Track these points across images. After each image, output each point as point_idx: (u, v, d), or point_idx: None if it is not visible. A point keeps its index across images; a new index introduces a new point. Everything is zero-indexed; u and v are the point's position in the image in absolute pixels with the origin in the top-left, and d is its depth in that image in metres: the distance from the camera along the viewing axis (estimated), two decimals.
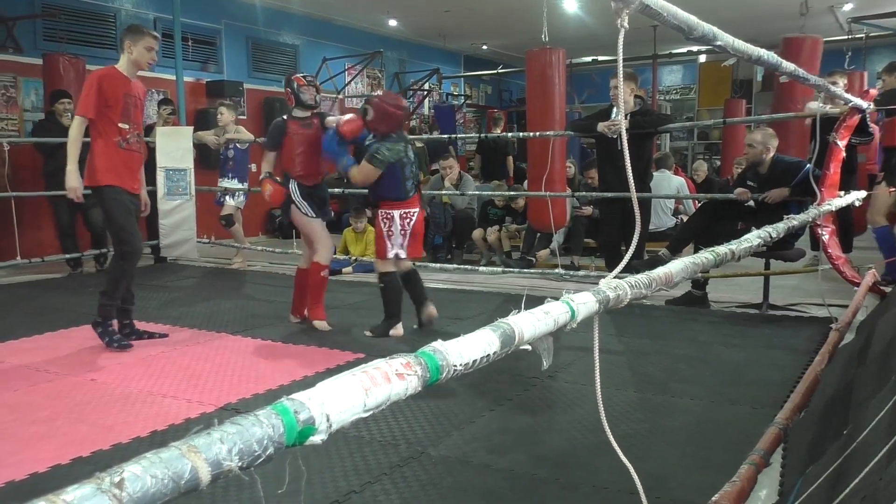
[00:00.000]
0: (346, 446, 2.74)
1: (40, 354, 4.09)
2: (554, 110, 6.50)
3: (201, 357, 4.07)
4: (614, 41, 1.32)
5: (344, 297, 5.91)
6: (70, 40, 8.21)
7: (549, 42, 6.51)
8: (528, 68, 6.74)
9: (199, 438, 0.63)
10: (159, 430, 2.97)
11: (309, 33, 11.46)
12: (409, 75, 13.52)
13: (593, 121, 5.68)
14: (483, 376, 3.56)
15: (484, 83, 16.13)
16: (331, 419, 0.72)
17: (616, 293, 1.27)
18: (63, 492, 0.55)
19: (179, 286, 6.57)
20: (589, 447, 2.74)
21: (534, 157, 6.78)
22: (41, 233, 7.76)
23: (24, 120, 8.08)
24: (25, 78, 8.00)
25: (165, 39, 9.14)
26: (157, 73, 9.24)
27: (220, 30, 10.24)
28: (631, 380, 3.68)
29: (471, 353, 0.92)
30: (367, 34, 12.33)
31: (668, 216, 7.38)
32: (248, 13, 10.43)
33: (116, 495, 0.57)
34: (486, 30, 12.64)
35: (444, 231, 7.72)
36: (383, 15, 11.50)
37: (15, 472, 2.56)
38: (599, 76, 13.72)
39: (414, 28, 12.55)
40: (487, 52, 14.89)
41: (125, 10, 9.04)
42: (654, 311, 5.20)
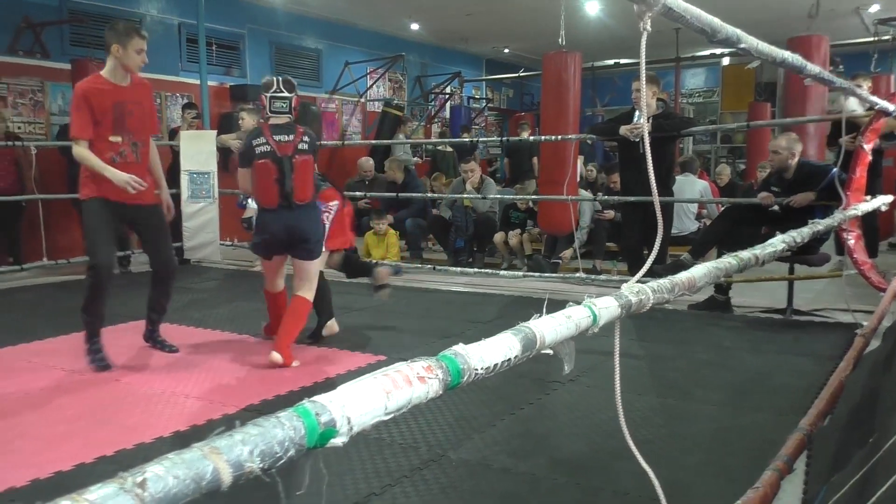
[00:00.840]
0: (367, 448, 2.75)
1: (66, 355, 4.14)
2: (568, 114, 6.49)
3: (224, 358, 4.10)
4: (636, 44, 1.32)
5: (365, 300, 5.92)
6: (97, 45, 8.32)
7: (570, 45, 6.49)
8: (545, 71, 6.74)
9: (221, 440, 0.64)
10: (182, 430, 2.99)
11: (331, 37, 11.53)
12: (430, 79, 13.54)
13: (615, 124, 5.66)
14: (503, 380, 3.55)
15: (506, 87, 16.12)
16: (352, 422, 0.72)
17: (638, 298, 1.26)
18: (86, 491, 0.56)
19: (202, 288, 6.63)
20: (610, 452, 2.72)
21: (546, 160, 6.77)
22: (67, 235, 7.86)
23: (52, 124, 8.20)
24: (52, 82, 8.12)
25: (190, 44, 9.28)
26: (183, 78, 9.36)
27: (243, 34, 10.32)
28: (652, 385, 3.65)
29: (492, 357, 0.92)
30: (390, 38, 12.37)
31: (692, 220, 7.33)
32: (271, 18, 10.50)
33: (139, 495, 0.57)
34: (508, 33, 12.63)
35: (466, 234, 7.72)
36: (405, 18, 11.53)
37: (40, 470, 2.59)
38: (621, 79, 13.68)
39: (436, 31, 12.58)
40: (509, 56, 14.87)
41: (150, 16, 9.14)
42: (677, 316, 5.16)
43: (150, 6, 9.15)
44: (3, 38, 7.67)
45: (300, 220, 3.91)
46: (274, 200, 3.84)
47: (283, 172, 3.80)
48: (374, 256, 7.26)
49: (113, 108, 3.79)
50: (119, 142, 3.82)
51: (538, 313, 1.10)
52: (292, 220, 3.88)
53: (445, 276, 6.94)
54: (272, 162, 3.80)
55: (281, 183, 3.81)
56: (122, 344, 4.39)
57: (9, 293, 6.23)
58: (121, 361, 4.05)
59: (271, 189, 3.82)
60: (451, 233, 7.79)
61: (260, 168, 3.82)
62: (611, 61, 13.38)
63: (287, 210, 3.85)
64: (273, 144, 3.81)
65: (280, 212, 3.85)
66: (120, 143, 3.83)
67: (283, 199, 3.83)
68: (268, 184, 3.82)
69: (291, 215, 3.87)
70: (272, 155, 3.80)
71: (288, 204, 3.84)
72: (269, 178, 3.81)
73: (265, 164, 3.80)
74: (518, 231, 7.51)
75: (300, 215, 3.91)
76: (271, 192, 3.83)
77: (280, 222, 3.87)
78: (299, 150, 3.87)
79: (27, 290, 6.37)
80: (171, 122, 9.14)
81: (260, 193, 3.89)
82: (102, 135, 3.77)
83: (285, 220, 3.87)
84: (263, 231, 3.95)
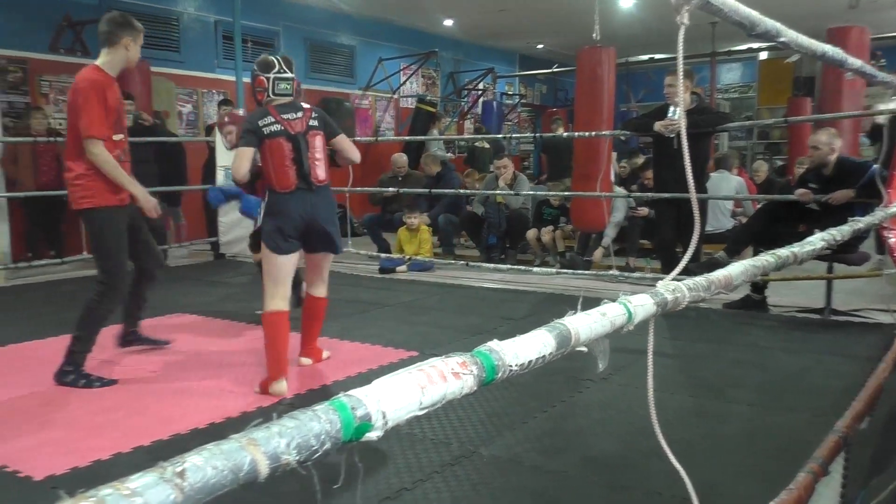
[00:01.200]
0: (399, 444, 2.76)
1: (105, 346, 4.21)
2: (602, 109, 6.44)
3: (256, 352, 4.14)
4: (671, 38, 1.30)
5: (398, 295, 5.95)
6: None
7: (604, 40, 6.45)
8: (579, 67, 6.70)
9: (258, 431, 0.65)
10: (217, 422, 3.04)
11: (365, 34, 11.57)
12: (463, 75, 13.52)
13: (649, 120, 5.60)
14: (535, 377, 3.54)
15: (539, 82, 16.04)
16: (387, 416, 0.73)
17: (674, 295, 1.25)
18: (127, 479, 0.57)
19: (237, 282, 6.71)
20: (642, 451, 2.70)
21: (579, 156, 6.74)
22: None
23: None
24: None
25: (226, 42, 9.38)
26: (218, 75, 9.47)
27: (278, 31, 10.41)
28: (686, 384, 3.61)
29: (526, 354, 0.92)
30: (423, 34, 12.38)
31: (727, 217, 7.23)
32: (306, 15, 10.57)
33: (178, 485, 0.58)
34: (541, 29, 12.57)
35: (499, 231, 7.70)
36: (439, 15, 11.53)
37: (79, 458, 2.65)
38: (656, 74, 13.52)
39: (469, 28, 12.56)
40: (543, 52, 14.80)
41: (188, 14, 9.26)
42: (711, 315, 5.10)
43: (187, 4, 9.26)
44: (45, 37, 7.83)
45: (320, 204, 3.54)
46: (291, 182, 3.45)
47: (298, 150, 3.46)
48: (406, 252, 7.28)
49: (117, 104, 3.61)
50: (121, 139, 3.63)
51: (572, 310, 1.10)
52: (312, 203, 3.50)
53: (478, 273, 6.94)
54: (286, 140, 3.46)
55: (298, 162, 3.46)
56: (160, 335, 4.46)
57: (51, 286, 6.37)
58: (157, 355, 4.12)
59: (288, 169, 3.45)
60: (484, 229, 7.78)
61: (273, 147, 3.45)
62: (645, 56, 13.24)
63: (307, 192, 3.48)
64: (283, 123, 3.48)
65: (298, 194, 3.47)
66: (121, 142, 3.63)
67: (301, 181, 3.46)
68: (283, 164, 3.45)
69: (311, 198, 3.50)
70: (285, 133, 3.46)
71: (307, 185, 3.48)
72: (284, 158, 3.45)
73: (278, 142, 3.45)
74: (551, 228, 7.47)
75: (320, 199, 3.54)
76: (288, 173, 3.45)
77: (299, 206, 3.47)
78: (311, 126, 3.55)
79: (68, 282, 6.50)
80: (208, 118, 9.25)
81: (275, 175, 3.47)
82: (109, 134, 3.54)
83: (305, 204, 3.48)
84: (279, 214, 3.47)
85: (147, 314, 4.56)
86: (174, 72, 9.04)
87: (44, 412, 3.18)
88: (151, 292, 4.14)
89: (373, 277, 6.87)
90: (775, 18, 1.70)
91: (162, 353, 4.15)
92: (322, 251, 3.70)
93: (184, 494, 0.58)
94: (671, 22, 1.30)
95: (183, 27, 9.24)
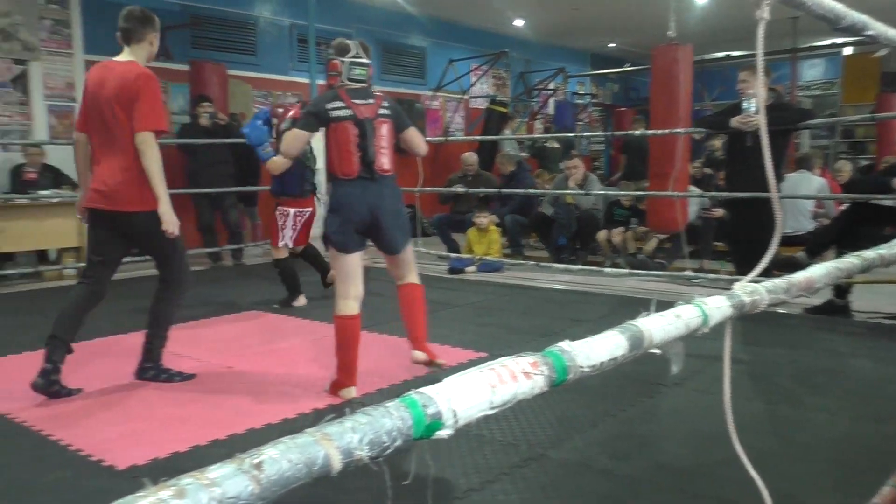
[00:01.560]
0: (467, 444, 2.77)
1: (183, 342, 4.36)
2: (678, 108, 6.32)
3: (328, 350, 4.20)
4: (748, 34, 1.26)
5: (467, 296, 5.96)
6: (214, 47, 8.72)
7: (679, 38, 6.32)
8: (654, 65, 6.59)
9: (331, 426, 0.66)
10: (289, 417, 3.10)
11: (436, 35, 11.64)
12: (534, 75, 13.45)
13: (724, 117, 5.45)
14: (605, 380, 3.50)
15: (611, 81, 15.83)
16: (458, 414, 0.73)
17: (752, 298, 1.21)
18: (206, 470, 0.59)
19: (310, 281, 6.82)
20: (715, 459, 2.63)
21: (655, 155, 6.62)
22: (183, 227, 8.26)
23: (173, 122, 8.65)
24: (174, 83, 8.56)
25: (300, 44, 9.58)
26: (293, 77, 9.68)
27: (351, 34, 10.53)
28: (762, 390, 3.50)
29: (598, 355, 0.91)
30: (493, 35, 12.37)
31: (808, 219, 6.97)
32: (378, 17, 10.70)
33: (255, 476, 0.59)
34: (613, 27, 12.40)
35: (568, 232, 7.63)
36: (510, 15, 11.50)
37: (159, 450, 2.74)
38: (732, 72, 13.15)
39: (540, 27, 12.48)
40: (615, 50, 14.59)
41: (264, 18, 9.49)
42: (790, 320, 4.93)
43: (263, 9, 9.50)
44: None
45: (384, 194, 3.38)
46: (354, 169, 3.32)
47: (364, 136, 3.32)
48: (476, 252, 7.29)
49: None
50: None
51: (645, 312, 1.08)
52: (376, 193, 3.35)
53: (547, 274, 6.89)
54: (353, 125, 3.32)
55: (363, 149, 3.32)
56: (234, 333, 4.59)
57: (133, 282, 6.62)
58: (232, 350, 4.23)
59: (352, 155, 3.32)
60: (554, 230, 7.72)
61: (338, 131, 3.33)
62: (721, 53, 12.90)
63: (369, 181, 3.34)
64: (353, 107, 3.34)
65: (361, 183, 3.33)
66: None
67: (364, 168, 3.32)
68: (347, 149, 3.32)
69: (375, 188, 3.35)
70: (353, 118, 3.33)
71: (370, 174, 3.33)
72: (348, 143, 3.32)
73: (344, 126, 3.32)
74: (622, 229, 7.36)
75: (384, 189, 3.38)
76: (351, 159, 3.32)
77: (362, 197, 3.33)
78: (381, 114, 3.41)
79: (150, 279, 6.73)
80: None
81: (338, 161, 3.35)
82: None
83: (368, 195, 3.34)
84: (341, 208, 3.34)
85: (221, 311, 4.67)
86: (250, 74, 9.28)
87: (126, 404, 3.31)
88: (225, 289, 4.23)
89: (442, 278, 6.90)
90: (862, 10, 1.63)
91: (237, 349, 4.26)
92: (392, 250, 3.54)
93: (260, 486, 0.59)
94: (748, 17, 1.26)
95: (259, 31, 9.48)
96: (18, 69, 7.32)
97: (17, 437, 2.91)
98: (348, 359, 3.40)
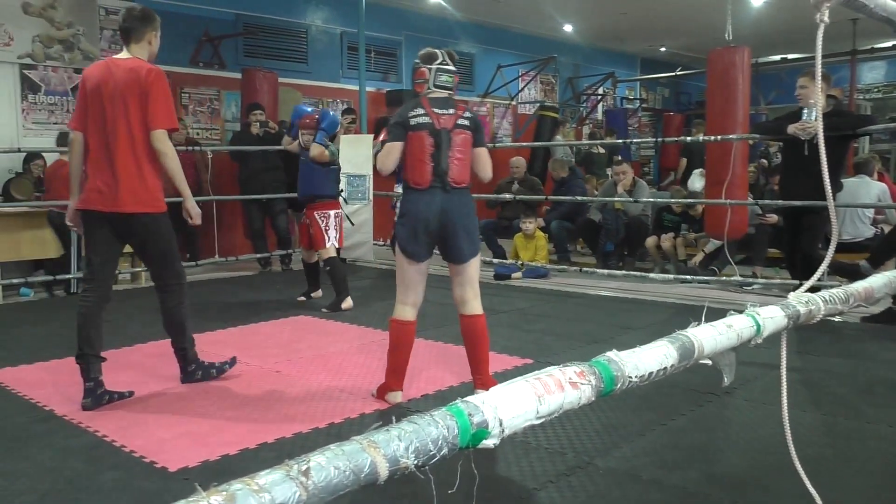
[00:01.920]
0: (513, 451, 2.75)
1: (233, 346, 4.44)
2: (736, 112, 6.20)
3: (375, 356, 4.24)
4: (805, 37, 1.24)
5: (513, 301, 5.94)
6: (266, 56, 8.88)
7: (733, 40, 6.21)
8: (710, 69, 6.48)
9: (378, 434, 0.66)
10: (336, 422, 3.12)
11: (484, 41, 11.64)
12: (582, 80, 13.35)
13: (782, 123, 5.33)
14: (654, 388, 3.44)
15: (661, 86, 15.62)
16: (504, 424, 0.73)
17: (808, 308, 1.18)
18: (256, 476, 0.60)
19: (357, 286, 6.88)
20: (769, 470, 2.57)
21: (712, 161, 6.51)
22: (235, 233, 8.46)
23: (225, 130, 8.83)
24: (227, 91, 8.73)
25: (351, 52, 9.69)
26: (343, 84, 9.80)
27: (400, 41, 10.64)
28: (818, 401, 3.41)
29: (647, 365, 0.89)
30: (542, 40, 12.32)
31: (867, 226, 6.77)
32: (426, 24, 10.75)
33: (303, 483, 0.60)
34: (664, 31, 12.23)
35: (616, 238, 7.54)
36: (559, 20, 11.44)
37: (210, 452, 2.79)
38: (788, 75, 12.86)
39: (589, 32, 12.39)
40: (665, 54, 14.40)
41: (315, 26, 9.62)
42: (847, 329, 4.79)
43: (315, 17, 9.62)
44: (186, 52, 8.34)
45: (454, 205, 3.33)
46: (426, 179, 3.30)
47: (438, 146, 3.30)
48: (522, 258, 7.26)
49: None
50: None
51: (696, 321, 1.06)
52: (446, 203, 3.31)
53: (593, 280, 6.82)
54: (429, 134, 3.30)
55: (436, 159, 3.30)
56: (282, 337, 4.65)
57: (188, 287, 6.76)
58: (281, 354, 4.29)
59: (424, 165, 3.30)
60: (601, 236, 7.64)
61: (414, 140, 3.32)
62: (777, 57, 12.63)
63: (441, 192, 3.30)
64: (432, 116, 3.32)
65: (432, 193, 3.30)
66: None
67: (435, 178, 3.30)
68: (421, 158, 3.30)
69: (445, 199, 3.30)
70: (430, 127, 3.31)
71: (442, 184, 3.30)
72: (422, 152, 3.30)
73: (420, 135, 3.30)
74: (671, 235, 7.25)
75: (455, 200, 3.33)
76: (424, 169, 3.30)
77: (432, 206, 3.30)
78: (459, 125, 3.37)
79: (201, 284, 6.88)
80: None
81: (410, 169, 3.35)
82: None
83: (438, 204, 3.30)
84: (411, 216, 3.33)
85: (270, 316, 4.71)
86: (301, 82, 9.41)
87: (178, 407, 3.38)
88: (273, 294, 4.27)
89: (488, 283, 6.89)
90: None
91: (286, 353, 4.31)
92: (459, 260, 3.41)
93: (308, 493, 0.60)
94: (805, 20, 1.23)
95: (311, 39, 9.61)
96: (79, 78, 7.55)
97: (75, 437, 2.99)
98: (398, 363, 3.41)
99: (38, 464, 2.72)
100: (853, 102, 11.85)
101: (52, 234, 6.37)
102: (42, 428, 3.10)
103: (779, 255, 6.74)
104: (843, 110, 5.64)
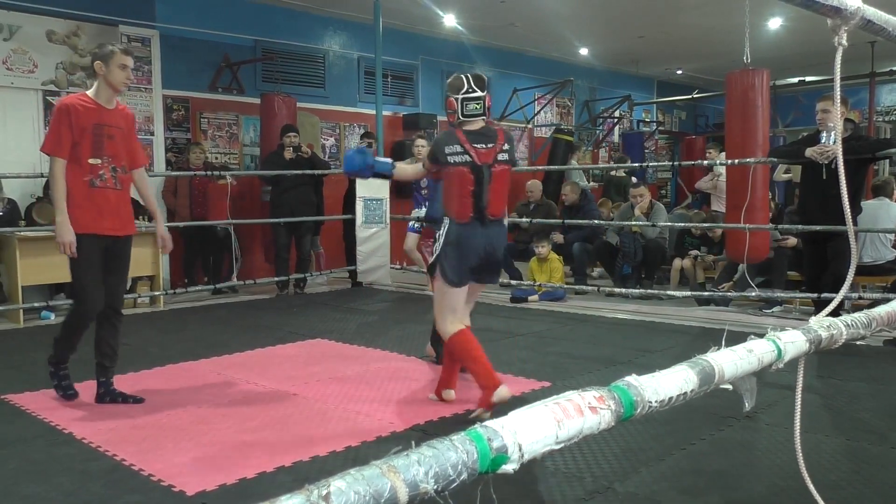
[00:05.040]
0: (530, 475, 2.73)
1: (251, 368, 4.45)
2: (756, 135, 6.17)
3: (392, 378, 4.23)
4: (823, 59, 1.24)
5: (530, 324, 5.92)
6: (284, 81, 8.98)
7: (751, 63, 6.21)
8: (728, 91, 6.47)
9: (398, 459, 0.66)
10: (353, 445, 3.11)
11: (500, 65, 11.70)
12: (598, 103, 13.38)
13: (800, 146, 5.31)
14: (674, 412, 3.40)
15: (678, 109, 15.61)
16: (523, 449, 0.72)
17: (829, 333, 1.17)
18: (277, 500, 0.60)
19: (373, 310, 6.89)
20: (792, 496, 2.52)
21: (732, 184, 6.47)
22: (253, 257, 8.51)
23: (244, 154, 8.91)
24: (246, 116, 8.83)
25: (367, 77, 9.78)
26: (360, 109, 9.88)
27: (417, 65, 10.72)
28: (841, 426, 3.36)
29: (667, 390, 0.89)
30: (558, 63, 12.38)
31: (888, 248, 6.70)
32: (442, 48, 10.84)
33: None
34: (681, 54, 12.25)
35: (634, 261, 7.51)
36: (575, 44, 11.49)
37: (227, 476, 2.79)
38: (806, 97, 12.82)
39: (605, 55, 12.43)
40: (682, 77, 14.41)
41: (333, 51, 9.72)
42: (869, 351, 4.73)
43: (332, 42, 9.73)
44: (205, 77, 8.46)
45: (493, 237, 3.51)
46: (467, 215, 3.43)
47: (480, 184, 3.41)
48: (537, 281, 7.24)
49: (93, 128, 3.63)
50: (98, 164, 3.64)
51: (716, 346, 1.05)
52: (486, 235, 3.47)
53: (611, 304, 6.79)
54: (470, 171, 3.40)
55: (477, 196, 3.41)
56: (299, 360, 4.66)
57: (205, 310, 6.80)
58: (298, 377, 4.29)
59: (466, 200, 3.41)
60: (618, 259, 7.62)
61: (454, 176, 3.42)
62: (795, 79, 12.60)
63: (480, 225, 3.45)
64: (473, 153, 3.41)
65: (473, 226, 3.44)
66: (99, 166, 3.65)
67: (475, 213, 3.43)
68: (463, 194, 3.41)
69: (485, 232, 3.47)
70: (470, 164, 3.41)
71: (480, 218, 3.44)
72: (464, 189, 3.40)
73: (461, 171, 3.41)
74: (693, 255, 7.22)
75: (493, 232, 3.50)
76: (466, 204, 3.42)
77: (477, 238, 3.45)
78: (499, 160, 3.47)
79: (221, 307, 6.92)
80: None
81: (453, 204, 3.47)
82: (81, 156, 3.61)
83: (480, 237, 3.46)
84: (461, 246, 3.46)
85: (286, 339, 4.72)
86: (319, 107, 9.50)
87: (197, 429, 3.38)
88: (290, 317, 4.28)
89: (504, 306, 6.88)
90: None
91: (304, 375, 4.31)
92: (484, 282, 3.70)
93: None
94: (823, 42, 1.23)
95: (328, 64, 9.71)
96: None
97: (94, 461, 3.00)
98: (481, 365, 3.44)
99: (58, 487, 2.73)
100: (872, 125, 11.78)
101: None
102: (62, 451, 3.11)
103: (798, 279, 6.67)
104: (862, 135, 5.61)
